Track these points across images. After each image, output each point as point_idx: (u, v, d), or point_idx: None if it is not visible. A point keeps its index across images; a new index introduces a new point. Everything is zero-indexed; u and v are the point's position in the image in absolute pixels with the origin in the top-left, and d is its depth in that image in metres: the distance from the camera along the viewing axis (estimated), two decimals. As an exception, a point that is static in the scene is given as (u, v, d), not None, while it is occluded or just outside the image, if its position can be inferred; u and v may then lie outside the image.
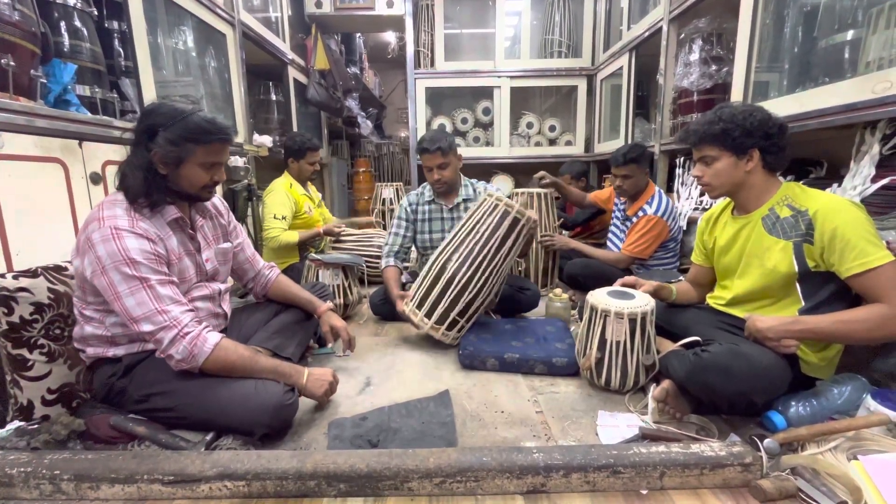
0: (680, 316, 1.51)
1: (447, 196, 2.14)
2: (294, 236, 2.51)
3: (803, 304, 1.21)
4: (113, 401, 1.21)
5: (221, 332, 1.37)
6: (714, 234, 1.45)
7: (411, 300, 1.81)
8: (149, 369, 1.19)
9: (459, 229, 1.81)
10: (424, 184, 2.21)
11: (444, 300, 1.72)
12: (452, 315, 1.73)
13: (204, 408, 1.15)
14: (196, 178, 1.19)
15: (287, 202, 2.53)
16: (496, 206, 1.72)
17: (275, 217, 2.46)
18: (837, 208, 1.13)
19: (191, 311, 1.16)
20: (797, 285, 1.21)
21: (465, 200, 2.14)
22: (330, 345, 1.64)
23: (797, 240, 1.18)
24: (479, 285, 1.70)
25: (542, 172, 2.77)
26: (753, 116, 1.21)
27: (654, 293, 1.50)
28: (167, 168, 1.15)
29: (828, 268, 1.15)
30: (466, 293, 1.71)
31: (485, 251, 1.70)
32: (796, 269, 1.18)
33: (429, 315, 1.75)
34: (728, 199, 1.41)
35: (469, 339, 1.71)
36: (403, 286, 2.26)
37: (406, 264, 2.38)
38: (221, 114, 2.60)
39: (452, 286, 1.72)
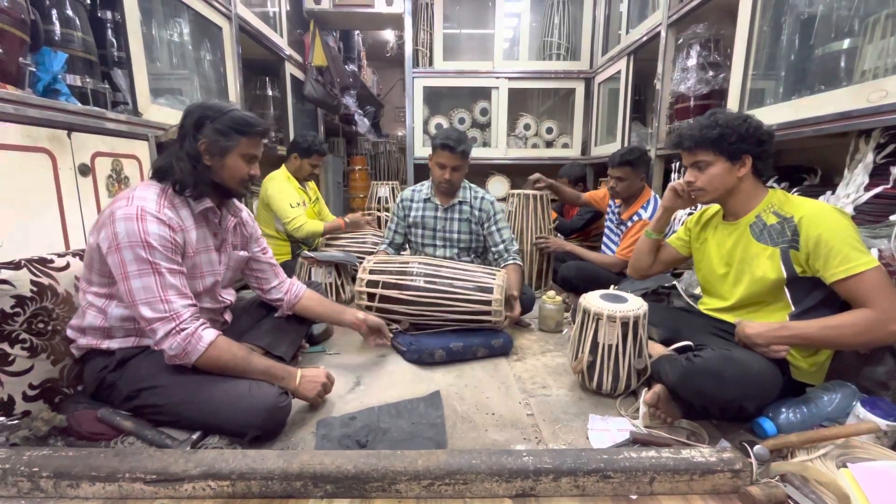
0: (671, 320, 1.51)
1: (446, 196, 2.10)
2: (319, 226, 2.50)
3: (793, 308, 1.22)
4: (103, 395, 1.19)
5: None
6: (705, 233, 1.46)
7: (373, 263, 1.86)
8: (141, 365, 1.17)
9: (457, 263, 1.89)
10: (424, 182, 2.19)
11: (391, 280, 1.79)
12: (387, 301, 1.78)
13: (195, 407, 1.13)
14: (238, 170, 1.25)
15: (292, 189, 2.52)
16: (492, 287, 1.75)
17: (291, 206, 2.45)
18: (822, 215, 1.15)
19: (193, 305, 1.16)
20: (786, 290, 1.22)
21: (460, 203, 2.09)
22: (323, 336, 1.63)
23: (784, 246, 1.19)
24: (423, 303, 1.75)
25: (536, 175, 2.76)
26: (749, 123, 1.24)
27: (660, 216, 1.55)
28: (212, 159, 1.22)
29: (813, 273, 1.16)
30: (406, 297, 1.76)
31: (449, 292, 1.74)
32: (784, 274, 1.19)
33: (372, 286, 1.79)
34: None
35: (409, 339, 1.75)
36: None
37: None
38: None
39: (406, 283, 1.78)
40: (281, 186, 2.49)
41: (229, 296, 1.44)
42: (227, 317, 1.48)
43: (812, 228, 1.14)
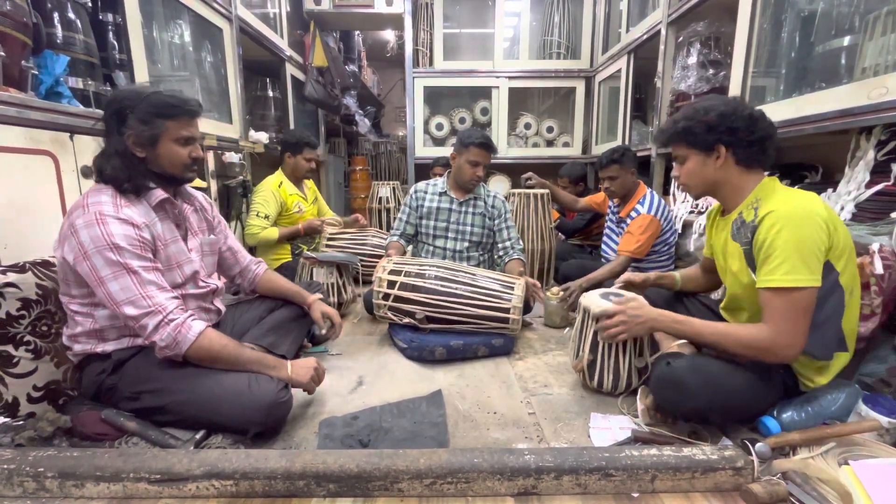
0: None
1: (463, 191, 2.20)
2: (274, 233, 2.52)
3: None
4: (103, 399, 1.19)
5: (213, 327, 1.35)
6: (711, 232, 1.43)
7: (393, 262, 1.88)
8: (139, 366, 1.17)
9: (474, 270, 1.91)
10: (437, 179, 2.28)
11: (408, 277, 1.82)
12: (402, 295, 1.79)
13: (197, 405, 1.13)
14: (175, 156, 1.19)
15: (272, 200, 2.53)
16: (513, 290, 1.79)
17: (257, 215, 2.48)
18: (787, 217, 1.04)
19: (176, 298, 1.16)
20: None
21: (475, 198, 2.21)
22: (325, 336, 1.63)
23: (746, 247, 1.13)
24: (436, 301, 1.76)
25: (529, 173, 2.77)
26: (712, 111, 1.15)
27: (656, 282, 1.49)
28: (144, 150, 1.16)
29: None
30: (422, 295, 1.77)
31: (466, 297, 1.76)
32: (753, 277, 1.12)
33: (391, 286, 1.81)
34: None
35: (409, 336, 1.76)
36: None
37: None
38: (216, 110, 2.59)
39: (423, 281, 1.80)
40: (259, 197, 2.53)
41: (215, 281, 1.42)
42: (219, 304, 1.45)
43: (771, 229, 1.05)
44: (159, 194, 1.21)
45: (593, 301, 1.43)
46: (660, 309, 1.25)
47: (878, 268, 1.16)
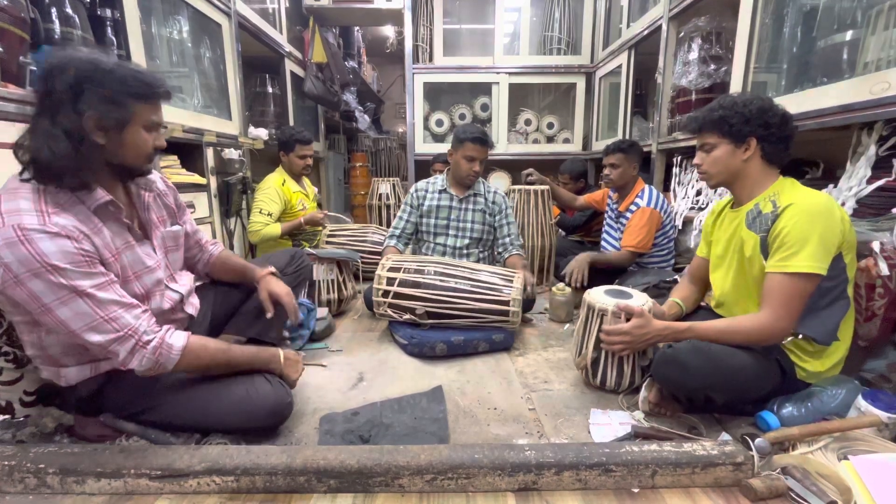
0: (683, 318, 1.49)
1: (463, 187, 2.20)
2: (276, 229, 2.52)
3: None
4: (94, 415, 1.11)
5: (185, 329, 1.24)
6: (713, 227, 1.43)
7: (393, 260, 1.89)
8: (121, 390, 1.07)
9: (472, 264, 1.92)
10: (437, 176, 2.29)
11: (407, 274, 1.82)
12: (402, 291, 1.79)
13: (196, 418, 1.11)
14: (142, 145, 1.00)
15: (276, 198, 2.53)
16: (511, 281, 1.79)
17: (260, 212, 2.48)
18: (808, 210, 1.09)
19: (145, 311, 1.01)
20: None
21: (475, 194, 2.22)
22: (324, 333, 1.62)
23: (763, 235, 1.17)
24: (435, 296, 1.76)
25: (529, 169, 2.77)
26: (752, 104, 1.19)
27: (665, 316, 1.43)
28: (107, 135, 0.93)
29: None
30: (423, 290, 1.77)
31: (466, 291, 1.76)
32: (765, 264, 1.17)
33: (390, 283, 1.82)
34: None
35: (409, 332, 1.76)
36: None
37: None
38: (216, 106, 2.58)
39: (423, 276, 1.81)
40: (262, 194, 2.53)
41: (183, 285, 1.22)
42: (190, 308, 1.25)
43: (789, 218, 1.10)
44: (100, 196, 0.97)
45: (597, 298, 1.41)
46: (662, 321, 1.27)
47: (884, 269, 1.16)
